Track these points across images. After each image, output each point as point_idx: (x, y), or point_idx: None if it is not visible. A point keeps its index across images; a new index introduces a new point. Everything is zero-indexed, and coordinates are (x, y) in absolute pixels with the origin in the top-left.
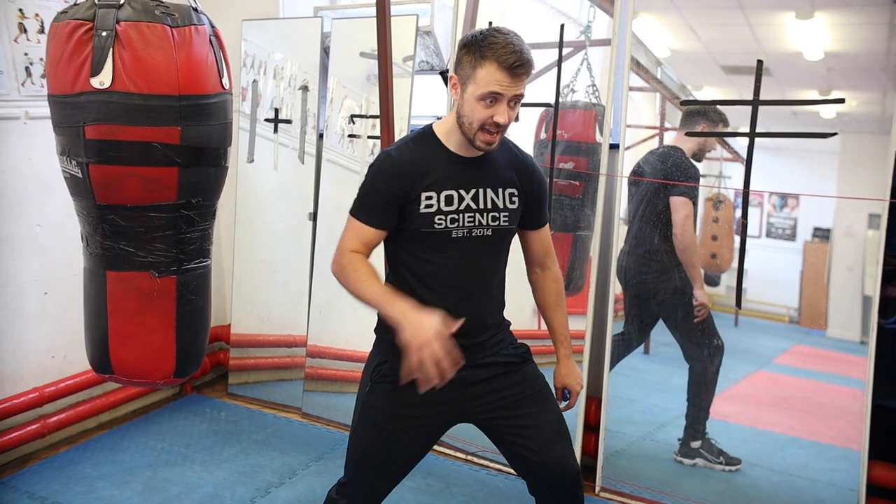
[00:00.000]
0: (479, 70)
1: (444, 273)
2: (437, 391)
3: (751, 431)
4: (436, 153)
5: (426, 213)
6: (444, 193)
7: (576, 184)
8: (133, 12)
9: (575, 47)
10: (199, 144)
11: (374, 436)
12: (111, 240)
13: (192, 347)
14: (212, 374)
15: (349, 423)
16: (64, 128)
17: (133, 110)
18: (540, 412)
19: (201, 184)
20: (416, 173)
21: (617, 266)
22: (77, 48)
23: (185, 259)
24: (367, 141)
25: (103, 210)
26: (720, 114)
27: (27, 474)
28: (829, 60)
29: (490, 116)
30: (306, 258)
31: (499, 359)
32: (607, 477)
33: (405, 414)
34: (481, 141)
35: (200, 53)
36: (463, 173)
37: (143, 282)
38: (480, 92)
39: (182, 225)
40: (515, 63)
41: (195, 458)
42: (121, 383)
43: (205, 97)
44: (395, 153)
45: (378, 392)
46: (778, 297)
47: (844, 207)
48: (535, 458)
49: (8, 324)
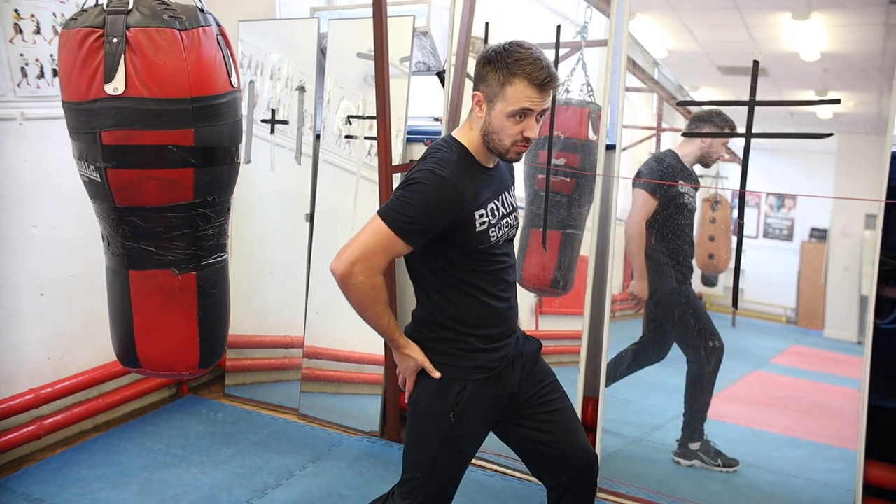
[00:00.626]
0: (509, 88)
1: (502, 277)
2: (499, 400)
3: (747, 432)
4: (475, 170)
5: (482, 231)
6: (489, 207)
7: (567, 180)
8: (142, 17)
9: (571, 48)
10: (212, 144)
11: (458, 461)
12: (132, 240)
13: (214, 339)
14: (208, 375)
15: (346, 424)
16: (80, 134)
17: (147, 115)
18: (558, 400)
19: (216, 182)
20: (469, 195)
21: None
22: (89, 55)
23: (204, 255)
24: (364, 142)
25: (123, 212)
26: (726, 120)
27: (23, 476)
28: (826, 61)
29: (521, 132)
30: (303, 259)
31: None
32: (604, 478)
33: (480, 431)
34: (515, 153)
35: (209, 54)
36: (492, 183)
37: (165, 279)
38: (511, 109)
39: (199, 223)
40: (546, 79)
41: (192, 460)
42: (148, 376)
43: (216, 97)
44: (456, 180)
45: (462, 421)
46: (775, 298)
47: (841, 208)
48: (557, 446)
49: (3, 325)
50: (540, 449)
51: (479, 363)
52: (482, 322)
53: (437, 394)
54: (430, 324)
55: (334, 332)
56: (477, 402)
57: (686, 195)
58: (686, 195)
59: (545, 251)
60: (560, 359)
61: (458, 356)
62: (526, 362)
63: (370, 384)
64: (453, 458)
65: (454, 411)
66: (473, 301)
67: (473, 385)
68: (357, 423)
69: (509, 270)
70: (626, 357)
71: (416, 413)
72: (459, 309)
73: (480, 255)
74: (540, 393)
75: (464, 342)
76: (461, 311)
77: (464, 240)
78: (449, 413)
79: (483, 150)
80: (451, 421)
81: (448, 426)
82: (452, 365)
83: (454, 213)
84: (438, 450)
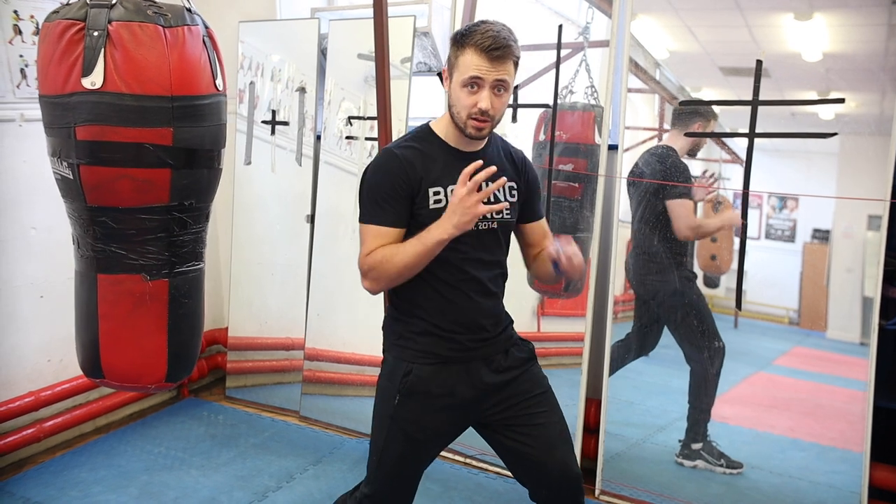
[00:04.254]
0: (461, 57)
1: (459, 267)
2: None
3: (751, 433)
4: (437, 149)
5: (436, 209)
6: (450, 188)
7: (575, 185)
8: (125, 12)
9: (573, 49)
10: (191, 146)
11: (408, 447)
12: (102, 242)
13: (184, 351)
14: (209, 378)
15: (347, 426)
16: (55, 128)
17: (125, 111)
18: (545, 413)
19: (194, 186)
20: (421, 169)
21: (625, 266)
22: (68, 48)
23: (178, 262)
24: (365, 143)
25: (94, 212)
26: (711, 111)
27: (23, 479)
28: (828, 61)
29: (475, 103)
30: (304, 260)
31: (512, 362)
32: (607, 480)
33: (434, 421)
34: (472, 128)
35: (193, 54)
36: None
37: (135, 285)
38: (462, 78)
39: (174, 227)
40: (491, 46)
41: (192, 463)
42: (112, 388)
43: (198, 98)
44: (399, 150)
45: (409, 404)
46: (778, 299)
47: (844, 209)
48: (536, 461)
49: (3, 327)
50: (519, 461)
51: (425, 348)
52: (433, 309)
53: (388, 376)
54: (389, 305)
55: (335, 334)
56: (426, 388)
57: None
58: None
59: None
60: (562, 360)
61: (406, 338)
62: (512, 365)
63: (371, 386)
64: (403, 443)
65: (400, 393)
66: (425, 287)
67: (420, 370)
68: (358, 426)
69: (475, 265)
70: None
71: (376, 395)
72: (412, 292)
73: None
74: (526, 403)
75: (412, 325)
76: (412, 295)
77: (417, 216)
78: (395, 395)
79: (455, 131)
80: (396, 403)
81: (394, 407)
82: (399, 346)
83: (401, 178)
84: (386, 435)
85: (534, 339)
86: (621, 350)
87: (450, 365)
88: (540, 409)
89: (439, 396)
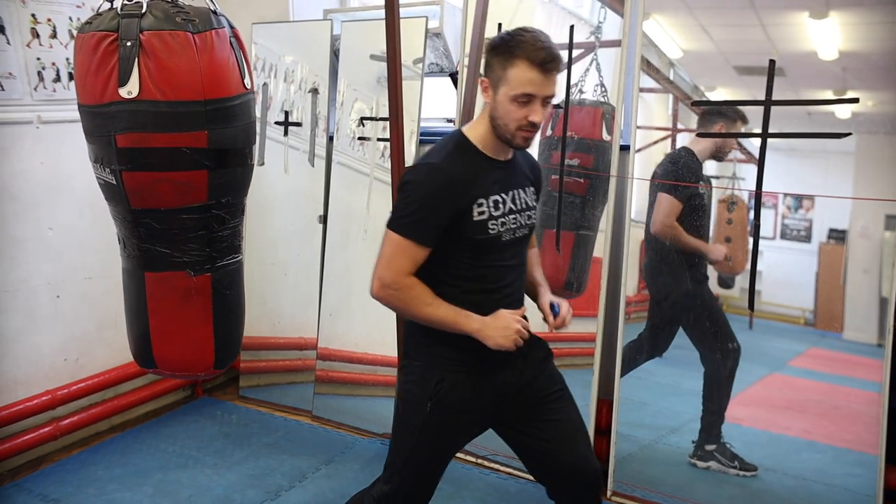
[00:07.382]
0: (510, 70)
1: (499, 275)
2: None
3: (765, 435)
4: (477, 160)
5: (480, 221)
6: (491, 198)
7: (580, 181)
8: (155, 21)
9: (585, 48)
10: (225, 146)
11: (437, 451)
12: (147, 242)
13: (229, 339)
14: (223, 377)
15: (360, 426)
16: (95, 137)
17: (161, 118)
18: (563, 409)
19: (230, 183)
20: (468, 186)
21: (641, 266)
22: (103, 59)
23: (218, 256)
24: (377, 143)
25: (138, 214)
26: (738, 112)
27: (40, 476)
28: (844, 60)
29: (525, 116)
30: (317, 261)
31: (531, 362)
32: (619, 481)
33: (463, 425)
34: (521, 139)
35: (222, 57)
36: (501, 177)
37: (180, 281)
38: (514, 93)
39: (213, 224)
40: (546, 59)
41: (206, 461)
42: (164, 376)
43: (229, 100)
44: (446, 166)
45: (440, 411)
46: (793, 300)
47: (860, 208)
48: (555, 455)
49: (20, 327)
50: (538, 457)
51: (458, 357)
52: None
53: (418, 383)
54: None
55: (348, 334)
56: (458, 395)
57: (704, 195)
58: (704, 195)
59: (558, 252)
60: (574, 361)
61: (439, 347)
62: (530, 366)
63: (384, 386)
64: (431, 448)
65: (432, 401)
66: (461, 295)
67: (453, 377)
68: (370, 425)
69: (511, 272)
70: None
71: (401, 400)
72: (446, 299)
73: (476, 248)
74: (544, 401)
75: (445, 334)
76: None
77: (461, 230)
78: (427, 402)
79: (492, 141)
80: (428, 410)
81: (426, 415)
82: (431, 354)
83: (452, 198)
84: (416, 439)
85: (545, 339)
86: (633, 351)
87: (485, 371)
88: (557, 405)
89: (468, 401)
